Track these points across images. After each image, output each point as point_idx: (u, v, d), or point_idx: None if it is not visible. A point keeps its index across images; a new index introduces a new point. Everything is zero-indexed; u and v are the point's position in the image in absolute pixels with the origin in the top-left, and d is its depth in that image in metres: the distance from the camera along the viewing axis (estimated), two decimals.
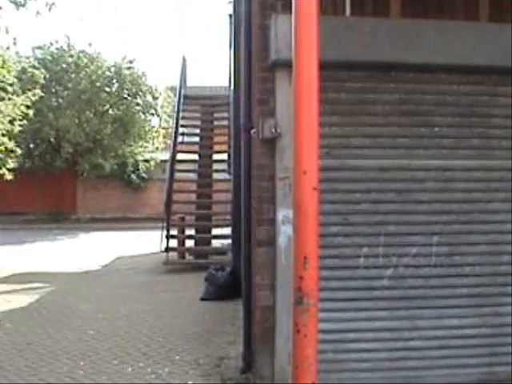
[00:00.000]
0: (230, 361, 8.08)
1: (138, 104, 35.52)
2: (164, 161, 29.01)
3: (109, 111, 35.23)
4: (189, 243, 18.93)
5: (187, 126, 22.11)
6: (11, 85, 25.05)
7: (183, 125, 21.25)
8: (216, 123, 22.15)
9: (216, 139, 21.53)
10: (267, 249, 6.61)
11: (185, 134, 21.88)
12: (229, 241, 16.62)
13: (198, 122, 22.67)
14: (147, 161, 37.08)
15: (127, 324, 10.29)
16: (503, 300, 6.81)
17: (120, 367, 7.98)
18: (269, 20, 6.53)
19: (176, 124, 20.22)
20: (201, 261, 17.57)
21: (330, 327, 6.32)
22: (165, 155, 28.74)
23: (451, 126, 6.77)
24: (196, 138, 22.49)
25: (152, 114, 36.52)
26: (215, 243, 19.12)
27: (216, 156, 20.80)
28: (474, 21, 6.85)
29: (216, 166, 20.44)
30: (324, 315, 4.99)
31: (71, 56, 34.89)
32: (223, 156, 19.65)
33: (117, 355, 8.49)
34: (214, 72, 67.33)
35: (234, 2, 13.37)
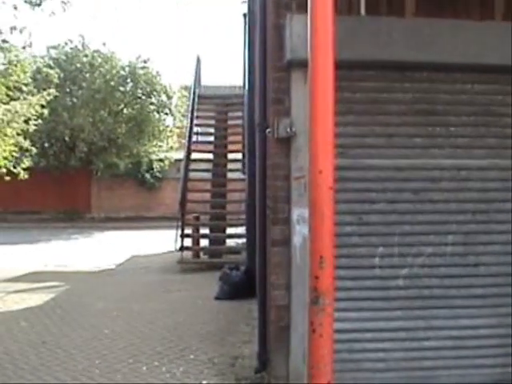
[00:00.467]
0: (245, 360, 8.09)
1: (153, 103, 35.62)
2: (178, 160, 29.04)
3: (123, 110, 35.40)
4: (203, 242, 18.96)
5: (201, 126, 22.17)
6: (26, 85, 25.11)
7: (197, 124, 21.33)
8: (230, 122, 22.19)
9: (230, 138, 21.55)
10: (282, 248, 6.61)
11: (199, 134, 21.95)
12: (243, 240, 16.64)
13: (212, 122, 22.76)
14: (161, 160, 37.18)
15: (142, 323, 10.31)
16: None
17: (135, 366, 8.00)
18: (284, 19, 6.52)
19: (190, 123, 20.29)
20: (215, 260, 17.55)
21: (345, 327, 6.30)
22: (179, 154, 28.76)
23: (466, 126, 6.75)
24: (210, 138, 22.53)
25: (166, 114, 36.61)
26: (229, 242, 19.15)
27: (230, 155, 20.82)
28: (489, 20, 6.82)
29: (230, 166, 20.48)
30: (339, 315, 4.99)
31: (86, 55, 35.07)
32: (237, 155, 19.64)
33: (132, 354, 8.51)
34: (228, 71, 67.38)
35: (249, 2, 13.40)
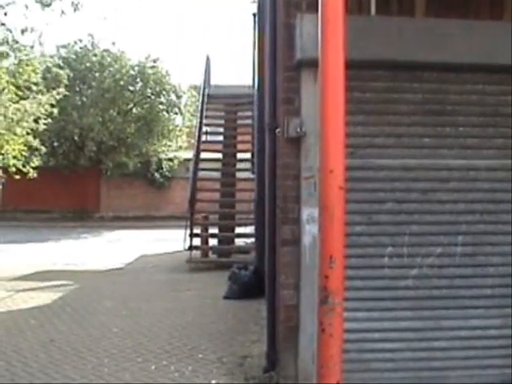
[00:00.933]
0: (254, 359, 8.08)
1: (162, 103, 35.71)
2: (187, 159, 29.06)
3: (132, 110, 35.49)
4: (212, 242, 18.97)
5: (211, 125, 22.17)
6: (36, 84, 25.16)
7: (207, 124, 21.35)
8: (239, 122, 22.23)
9: (239, 138, 21.56)
10: (292, 248, 6.61)
11: (208, 133, 21.98)
12: (252, 240, 16.66)
13: (222, 121, 22.78)
14: (171, 159, 37.31)
15: (150, 322, 10.32)
16: None
17: (144, 365, 8.00)
18: (294, 19, 6.53)
19: (200, 123, 20.34)
20: (224, 259, 17.54)
21: (354, 327, 6.28)
22: (188, 154, 28.80)
23: (475, 126, 6.74)
24: (219, 137, 22.54)
25: (175, 113, 36.64)
26: (238, 242, 19.17)
27: (239, 155, 20.84)
28: (499, 20, 6.81)
29: (239, 165, 20.51)
30: (348, 314, 4.99)
31: (95, 55, 35.19)
32: (247, 155, 19.66)
33: (140, 353, 8.52)
34: (238, 71, 67.34)
35: (259, 1, 13.40)
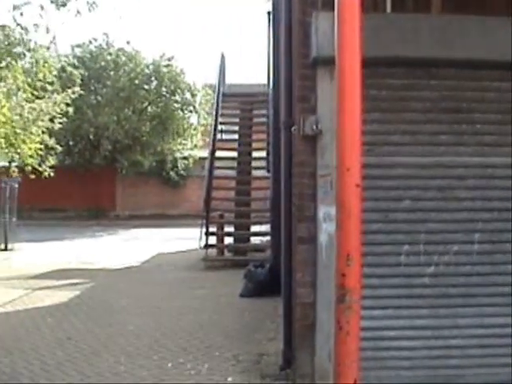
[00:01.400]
0: (270, 357, 8.09)
1: (177, 101, 35.71)
2: (203, 158, 29.14)
3: (147, 108, 35.54)
4: (228, 240, 19.00)
5: (226, 124, 22.19)
6: (51, 83, 25.22)
7: (222, 122, 21.38)
8: (255, 120, 22.19)
9: (255, 136, 21.54)
10: (308, 246, 6.60)
11: (223, 132, 22.00)
12: (268, 238, 16.65)
13: (237, 120, 22.78)
14: (186, 158, 37.33)
15: (167, 320, 10.36)
16: None
17: (160, 362, 8.03)
18: (309, 17, 6.51)
19: (215, 121, 20.33)
20: (240, 258, 17.60)
21: (370, 325, 6.24)
22: (203, 152, 28.86)
23: (492, 123, 6.69)
24: (235, 136, 22.53)
25: (190, 112, 36.62)
26: (254, 240, 19.19)
27: (255, 153, 20.85)
28: None
29: (255, 164, 20.50)
30: (365, 312, 4.98)
31: (110, 54, 35.29)
32: (262, 153, 19.65)
33: (156, 351, 8.55)
34: (253, 69, 67.46)
35: (273, 0, 13.36)
